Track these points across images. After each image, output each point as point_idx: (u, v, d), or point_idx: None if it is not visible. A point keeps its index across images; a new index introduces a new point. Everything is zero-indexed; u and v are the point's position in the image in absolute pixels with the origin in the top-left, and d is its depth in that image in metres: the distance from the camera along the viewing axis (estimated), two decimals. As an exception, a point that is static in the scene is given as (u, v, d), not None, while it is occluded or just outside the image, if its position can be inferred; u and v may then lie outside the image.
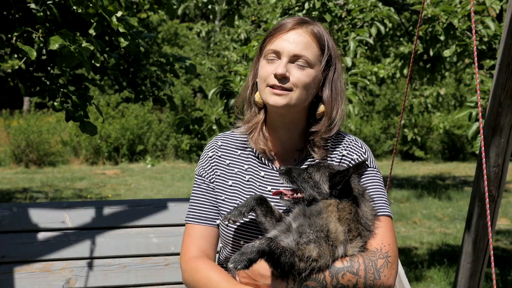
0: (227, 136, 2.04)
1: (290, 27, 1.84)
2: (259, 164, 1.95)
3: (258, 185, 1.92)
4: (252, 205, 1.81)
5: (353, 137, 1.98)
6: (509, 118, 3.03)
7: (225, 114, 4.48)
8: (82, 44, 2.79)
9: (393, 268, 1.75)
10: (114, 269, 2.41)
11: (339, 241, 1.69)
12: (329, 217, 1.71)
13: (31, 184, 11.99)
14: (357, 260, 1.71)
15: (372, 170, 1.91)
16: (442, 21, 4.75)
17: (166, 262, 2.47)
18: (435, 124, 13.81)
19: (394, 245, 1.79)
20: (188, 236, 1.95)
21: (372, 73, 7.21)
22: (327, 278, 1.68)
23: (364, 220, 1.76)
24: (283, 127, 1.92)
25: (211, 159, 2.00)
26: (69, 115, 3.32)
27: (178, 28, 25.08)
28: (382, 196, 1.87)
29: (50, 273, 2.34)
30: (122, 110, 18.22)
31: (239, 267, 1.56)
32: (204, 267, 1.84)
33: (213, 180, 1.97)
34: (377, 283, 1.71)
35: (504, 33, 2.93)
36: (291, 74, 1.81)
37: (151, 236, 2.48)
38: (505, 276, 5.84)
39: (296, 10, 4.95)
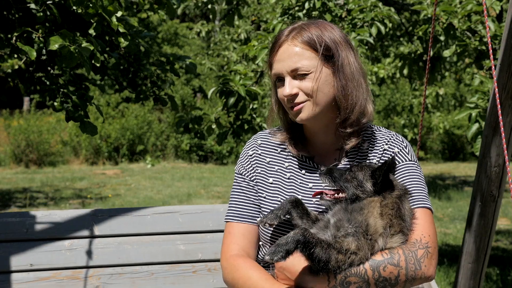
0: (266, 134, 2.06)
1: (277, 46, 1.86)
2: (300, 162, 1.96)
3: (299, 182, 1.93)
4: (287, 208, 1.81)
5: (393, 132, 1.99)
6: (509, 118, 3.02)
7: (224, 113, 4.47)
8: (82, 44, 2.79)
9: (433, 258, 1.75)
10: (142, 276, 2.40)
11: (378, 234, 1.69)
12: (369, 213, 1.70)
13: (31, 184, 11.98)
14: (396, 251, 1.70)
15: (412, 163, 1.93)
16: (442, 21, 4.75)
17: (194, 269, 2.46)
18: (435, 124, 13.83)
19: (434, 237, 1.79)
20: (228, 235, 1.95)
21: (372, 73, 7.21)
22: (368, 272, 1.67)
23: (406, 218, 1.76)
24: (319, 131, 1.94)
25: (251, 157, 2.01)
26: (69, 115, 3.32)
27: (178, 28, 25.08)
28: (422, 189, 1.88)
29: (78, 280, 2.34)
30: (122, 110, 18.21)
31: (276, 259, 1.55)
32: (244, 266, 1.84)
33: (253, 178, 1.98)
34: (418, 273, 1.71)
35: (504, 33, 2.93)
36: (300, 88, 1.83)
37: (178, 243, 2.48)
38: (505, 276, 5.84)
39: (296, 10, 4.95)
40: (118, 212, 2.49)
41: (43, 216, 2.40)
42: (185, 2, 6.46)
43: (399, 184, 1.82)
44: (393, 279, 1.68)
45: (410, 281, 1.71)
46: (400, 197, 1.77)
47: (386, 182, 1.75)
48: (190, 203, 9.91)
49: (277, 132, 2.04)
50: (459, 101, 16.95)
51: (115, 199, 10.22)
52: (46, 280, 2.31)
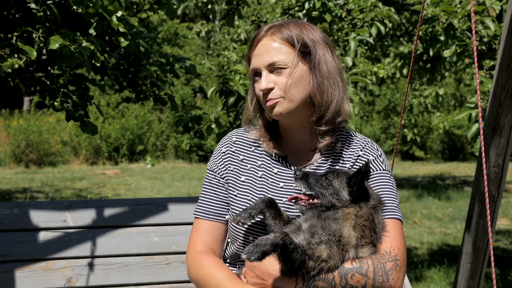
0: (241, 132, 2.06)
1: (256, 41, 1.87)
2: (273, 161, 1.96)
3: (271, 181, 1.93)
4: (261, 208, 1.81)
5: (368, 139, 2.00)
6: (509, 118, 3.03)
7: (224, 113, 4.47)
8: (82, 43, 2.79)
9: (401, 271, 1.76)
10: (116, 268, 2.41)
11: (350, 245, 1.70)
12: (344, 223, 1.71)
13: (31, 184, 11.99)
14: (366, 261, 1.71)
15: (385, 172, 1.92)
16: (442, 21, 4.76)
17: (168, 261, 2.47)
18: (435, 124, 13.82)
19: (403, 249, 1.79)
20: (195, 231, 1.95)
21: (372, 73, 7.21)
22: (336, 278, 1.68)
23: (379, 230, 1.76)
24: (294, 129, 1.94)
25: (225, 154, 2.01)
26: (69, 114, 3.32)
27: (178, 28, 25.09)
28: (393, 199, 1.88)
29: (51, 271, 2.34)
30: (122, 110, 18.22)
31: (252, 258, 1.56)
32: (209, 264, 1.85)
33: (225, 175, 1.98)
34: (385, 285, 1.72)
35: (504, 33, 2.93)
36: (276, 83, 1.83)
37: (152, 235, 2.49)
38: (505, 276, 5.84)
39: (296, 10, 4.95)
40: (92, 204, 2.50)
41: (17, 207, 2.41)
42: (185, 2, 6.47)
43: (374, 194, 1.82)
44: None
45: None
46: (375, 207, 1.77)
47: (361, 190, 1.75)
48: (190, 203, 9.89)
49: (252, 129, 2.03)
50: (459, 101, 16.95)
51: (116, 199, 10.21)
52: (20, 271, 2.31)
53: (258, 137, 2.00)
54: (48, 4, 3.06)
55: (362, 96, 7.22)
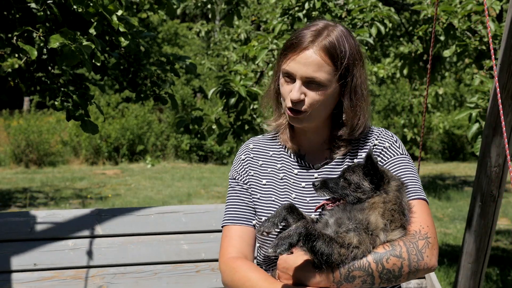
0: (258, 139, 2.09)
1: (303, 47, 1.82)
2: (292, 162, 1.98)
3: (292, 182, 1.95)
4: (283, 215, 1.81)
5: (382, 128, 2.02)
6: (509, 118, 3.03)
7: (224, 113, 4.48)
8: (82, 43, 2.79)
9: (434, 248, 1.76)
10: (145, 276, 2.41)
11: (379, 229, 1.70)
12: (371, 212, 1.72)
13: (31, 184, 11.98)
14: (398, 244, 1.71)
15: (403, 156, 1.94)
16: (442, 21, 4.75)
17: (197, 268, 2.47)
18: (435, 124, 13.82)
19: (432, 227, 1.80)
20: (225, 238, 1.96)
21: (372, 73, 7.21)
22: (372, 265, 1.67)
23: (406, 212, 1.77)
24: (308, 131, 1.97)
25: (244, 161, 2.03)
26: (70, 114, 3.32)
27: (178, 28, 25.08)
28: (415, 181, 1.89)
29: (81, 280, 2.35)
30: (122, 110, 18.21)
31: (279, 251, 1.57)
32: (243, 267, 1.85)
33: (247, 181, 2.00)
34: (421, 264, 1.71)
35: (504, 33, 2.93)
36: (307, 95, 1.84)
37: (181, 243, 2.49)
38: (505, 276, 5.84)
39: (296, 10, 4.95)
40: (121, 212, 2.50)
41: (46, 216, 2.41)
42: (185, 2, 6.46)
43: (393, 175, 1.83)
44: (396, 271, 1.69)
45: (414, 273, 1.72)
46: (399, 189, 1.78)
47: (379, 174, 1.75)
48: (190, 203, 9.91)
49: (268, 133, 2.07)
50: (459, 101, 16.94)
51: (115, 199, 10.22)
52: (49, 280, 2.32)
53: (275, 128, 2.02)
54: (48, 3, 3.06)
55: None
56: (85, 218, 2.44)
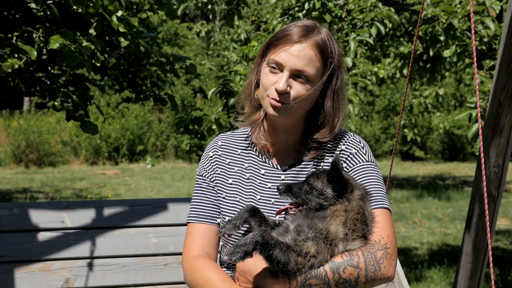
0: (227, 136, 2.08)
1: (296, 40, 1.83)
2: (260, 162, 1.98)
3: (258, 182, 1.94)
4: (245, 217, 1.81)
5: (351, 133, 2.00)
6: (509, 118, 3.03)
7: (224, 113, 4.48)
8: (82, 43, 2.79)
9: (393, 259, 1.76)
10: (113, 269, 2.41)
11: (338, 239, 1.70)
12: (332, 221, 1.71)
13: (31, 184, 11.99)
14: (356, 253, 1.72)
15: (370, 163, 1.93)
16: (442, 21, 4.76)
17: (165, 262, 2.47)
18: (435, 124, 13.82)
19: (392, 237, 1.80)
20: (189, 236, 1.95)
21: (372, 73, 7.21)
22: (328, 274, 1.68)
23: (369, 222, 1.77)
24: (282, 130, 1.95)
25: (212, 158, 2.02)
26: (69, 114, 3.32)
27: (178, 28, 25.09)
28: (380, 189, 1.88)
29: (49, 272, 2.35)
30: (122, 110, 18.22)
31: (234, 259, 1.57)
32: (204, 267, 1.85)
33: (213, 179, 1.99)
34: (377, 274, 1.72)
35: (504, 33, 2.93)
36: (292, 88, 1.83)
37: (150, 236, 2.49)
38: (505, 276, 5.84)
39: (296, 10, 4.95)
40: (90, 205, 2.50)
41: (15, 207, 2.41)
42: (185, 2, 6.46)
43: (356, 183, 1.83)
44: (353, 281, 1.70)
45: (370, 282, 1.73)
46: (362, 198, 1.77)
47: (342, 182, 1.75)
48: (190, 203, 9.89)
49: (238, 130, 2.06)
50: (459, 101, 16.94)
51: (115, 199, 10.22)
52: (17, 272, 2.32)
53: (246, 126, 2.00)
54: (48, 4, 3.06)
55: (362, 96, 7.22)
56: (54, 211, 2.44)
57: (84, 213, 2.47)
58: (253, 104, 1.97)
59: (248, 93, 1.98)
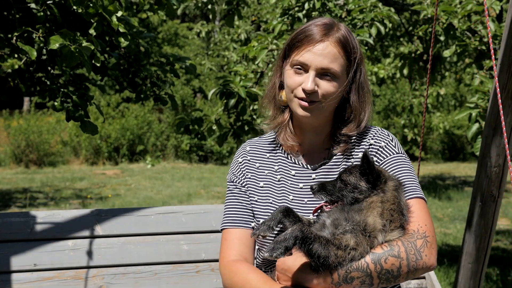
0: (254, 141, 2.09)
1: (318, 39, 1.84)
2: (289, 164, 1.99)
3: (290, 183, 1.95)
4: (279, 218, 1.81)
5: (377, 127, 2.02)
6: (509, 118, 3.03)
7: (225, 114, 4.48)
8: (82, 43, 2.78)
9: (433, 247, 1.76)
10: (145, 276, 2.41)
11: (377, 230, 1.70)
12: (369, 213, 1.71)
13: (31, 184, 11.98)
14: (396, 243, 1.71)
15: (400, 155, 1.94)
16: (442, 21, 4.75)
17: (197, 269, 2.47)
18: (435, 124, 13.82)
19: (430, 226, 1.80)
20: (225, 241, 1.96)
21: (372, 73, 7.21)
22: (370, 265, 1.67)
23: (405, 212, 1.77)
24: (311, 130, 1.97)
25: (241, 164, 2.03)
26: (69, 114, 3.32)
27: (178, 29, 25.08)
28: (413, 179, 1.89)
29: (81, 280, 2.35)
30: (122, 110, 18.22)
31: (275, 255, 1.57)
32: (242, 270, 1.85)
33: (245, 184, 2.00)
34: (419, 263, 1.71)
35: (504, 34, 2.93)
36: (319, 87, 1.84)
37: (181, 243, 2.48)
38: (505, 276, 5.84)
39: (296, 10, 4.95)
40: (120, 212, 2.50)
41: (46, 216, 2.41)
42: (185, 2, 6.46)
43: (389, 174, 1.83)
44: (395, 271, 1.69)
45: (413, 272, 1.72)
46: (397, 189, 1.78)
47: (376, 173, 1.75)
48: (190, 203, 9.91)
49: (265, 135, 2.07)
50: (459, 101, 16.94)
51: (115, 199, 10.22)
52: (49, 280, 2.32)
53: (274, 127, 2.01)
54: (48, 4, 3.06)
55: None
56: (85, 218, 2.44)
57: (115, 220, 2.47)
58: (278, 106, 1.99)
59: (272, 96, 2.00)
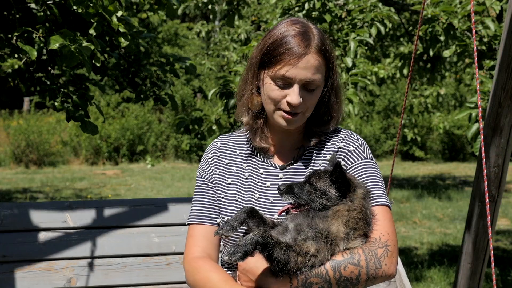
0: (226, 137, 2.09)
1: (301, 53, 1.80)
2: (258, 162, 1.98)
3: (257, 181, 1.95)
4: (243, 218, 1.80)
5: (348, 131, 2.01)
6: (509, 118, 3.03)
7: (225, 114, 4.48)
8: (82, 43, 2.79)
9: (394, 256, 1.76)
10: (116, 269, 2.42)
11: (339, 238, 1.70)
12: (333, 221, 1.71)
13: (31, 184, 11.98)
14: (356, 251, 1.72)
15: (368, 161, 1.93)
16: (442, 21, 4.76)
17: (167, 261, 2.48)
18: (435, 124, 13.81)
19: (393, 234, 1.80)
20: (190, 237, 1.96)
21: (372, 73, 7.21)
22: (329, 272, 1.68)
23: (370, 221, 1.77)
24: (285, 133, 1.97)
25: (211, 160, 2.03)
26: (69, 114, 3.32)
27: (178, 29, 25.08)
28: (379, 186, 1.88)
29: (52, 272, 2.35)
30: (122, 110, 18.22)
31: (234, 259, 1.57)
32: (205, 268, 1.85)
33: (212, 180, 1.99)
34: (379, 272, 1.72)
35: (504, 34, 2.93)
36: (304, 100, 1.84)
37: (152, 236, 2.50)
38: (505, 276, 5.84)
39: (296, 10, 4.95)
40: (92, 204, 2.51)
41: (16, 208, 2.41)
42: (185, 2, 6.46)
43: (358, 182, 1.82)
44: (354, 279, 1.70)
45: (371, 280, 1.73)
46: (364, 197, 1.77)
47: (346, 182, 1.74)
48: (190, 203, 9.89)
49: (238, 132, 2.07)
50: (459, 101, 16.94)
51: (116, 199, 10.21)
52: (19, 272, 2.33)
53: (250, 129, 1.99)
54: (48, 4, 3.06)
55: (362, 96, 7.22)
56: (56, 210, 2.44)
57: (86, 213, 2.48)
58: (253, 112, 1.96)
59: (246, 102, 1.96)
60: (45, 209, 2.44)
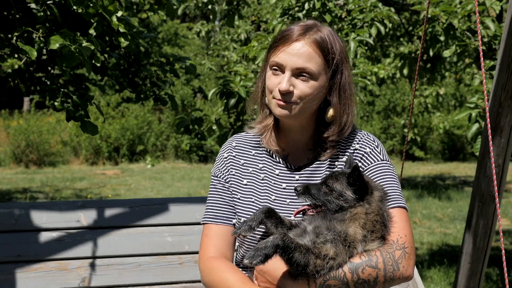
0: (241, 137, 2.07)
1: (294, 39, 1.83)
2: (274, 163, 1.98)
3: (273, 183, 1.94)
4: (261, 218, 1.80)
5: (364, 132, 2.00)
6: (509, 118, 3.03)
7: (225, 114, 4.48)
8: (82, 43, 2.79)
9: (411, 258, 1.76)
10: (129, 268, 2.42)
11: (357, 241, 1.70)
12: (351, 223, 1.71)
13: (31, 184, 11.98)
14: (374, 254, 1.72)
15: (384, 162, 1.93)
16: (442, 21, 4.76)
17: (181, 260, 2.48)
18: (435, 124, 13.81)
19: (410, 236, 1.80)
20: (205, 237, 1.95)
21: (372, 73, 7.21)
22: (347, 274, 1.68)
23: (388, 223, 1.77)
24: (293, 130, 1.96)
25: (226, 159, 2.02)
26: (69, 114, 3.32)
27: (178, 28, 25.08)
28: (396, 188, 1.88)
29: (66, 271, 2.36)
30: (122, 110, 18.21)
31: (254, 263, 1.57)
32: (220, 268, 1.85)
33: (228, 180, 1.99)
34: (396, 274, 1.72)
35: (504, 34, 2.93)
36: (295, 87, 1.83)
37: (165, 235, 2.50)
38: (505, 276, 5.84)
39: (296, 10, 4.95)
40: (105, 204, 2.51)
41: (30, 207, 2.41)
42: (185, 2, 6.46)
43: (375, 184, 1.82)
44: (372, 281, 1.70)
45: (389, 282, 1.73)
46: (382, 200, 1.77)
47: (363, 185, 1.74)
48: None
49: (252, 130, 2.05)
50: (459, 101, 16.94)
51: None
52: (33, 272, 2.33)
53: (259, 130, 2.00)
54: (48, 4, 3.06)
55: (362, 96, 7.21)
56: (70, 210, 2.45)
57: (99, 212, 2.48)
58: (263, 108, 1.98)
59: (256, 99, 1.99)
60: (59, 209, 2.45)
